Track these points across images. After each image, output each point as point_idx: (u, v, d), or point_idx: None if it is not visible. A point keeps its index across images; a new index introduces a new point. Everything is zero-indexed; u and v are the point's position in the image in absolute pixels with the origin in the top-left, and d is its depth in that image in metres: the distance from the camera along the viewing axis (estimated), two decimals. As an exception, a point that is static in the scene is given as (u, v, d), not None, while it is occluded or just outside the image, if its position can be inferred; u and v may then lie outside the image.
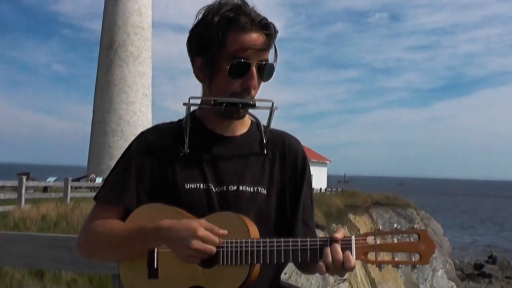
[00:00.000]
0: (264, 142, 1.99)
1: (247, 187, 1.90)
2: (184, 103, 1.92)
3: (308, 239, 1.74)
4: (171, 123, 2.03)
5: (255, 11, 1.87)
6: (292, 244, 1.73)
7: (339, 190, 45.34)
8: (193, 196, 1.87)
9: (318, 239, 1.74)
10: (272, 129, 2.01)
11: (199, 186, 1.88)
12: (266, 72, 1.90)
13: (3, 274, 9.00)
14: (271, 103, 1.91)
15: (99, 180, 28.44)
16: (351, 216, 32.75)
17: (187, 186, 1.88)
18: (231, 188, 1.89)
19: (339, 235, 1.72)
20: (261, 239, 1.74)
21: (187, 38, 1.96)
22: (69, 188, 18.99)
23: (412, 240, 1.71)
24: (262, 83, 1.93)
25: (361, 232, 1.85)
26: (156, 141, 1.96)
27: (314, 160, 54.51)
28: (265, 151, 1.98)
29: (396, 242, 1.71)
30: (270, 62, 1.91)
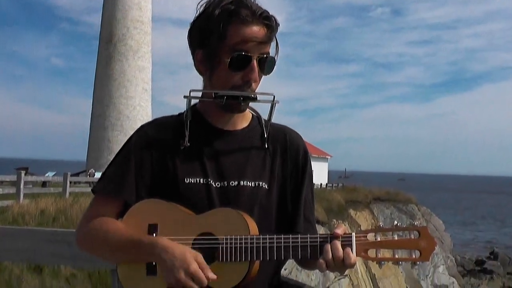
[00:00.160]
0: (265, 136, 1.97)
1: (248, 182, 1.89)
2: (185, 96, 1.91)
3: (308, 235, 1.73)
4: (171, 117, 2.01)
5: (256, 4, 1.85)
6: (292, 240, 1.72)
7: (340, 185, 45.32)
8: (192, 191, 1.86)
9: (319, 235, 1.74)
10: (273, 123, 1.99)
11: (199, 180, 1.87)
12: (267, 65, 1.88)
13: (2, 269, 9.02)
14: (273, 97, 1.90)
15: (98, 175, 28.30)
16: (351, 212, 32.70)
17: (187, 180, 1.86)
18: (232, 183, 1.88)
19: (340, 231, 1.71)
20: (260, 236, 1.74)
21: (188, 30, 1.95)
22: (68, 183, 18.99)
23: (413, 237, 1.70)
24: (264, 77, 1.92)
25: (361, 227, 1.83)
26: (156, 134, 1.95)
27: (315, 155, 54.50)
28: (266, 145, 1.97)
29: (396, 239, 1.71)
30: (271, 55, 1.89)
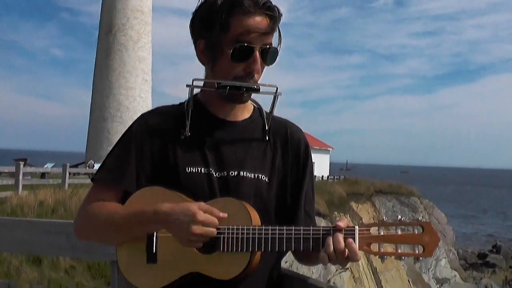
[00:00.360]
0: (267, 128, 1.97)
1: (248, 173, 1.88)
2: (187, 85, 1.89)
3: (311, 227, 1.72)
4: (172, 106, 2.01)
5: None
6: (295, 232, 1.71)
7: (341, 178, 45.37)
8: (193, 180, 1.84)
9: (321, 228, 1.72)
10: (274, 116, 1.99)
11: (200, 170, 1.86)
12: (269, 56, 1.87)
13: (1, 260, 9.04)
14: (275, 89, 1.89)
15: (97, 167, 28.16)
16: (353, 205, 32.75)
17: (188, 170, 1.85)
18: (232, 174, 1.87)
19: (342, 224, 1.70)
20: (263, 227, 1.73)
21: (190, 20, 1.94)
22: (67, 174, 19.11)
23: (416, 232, 1.69)
24: (266, 68, 1.91)
25: (363, 220, 1.81)
26: (156, 123, 1.94)
27: (317, 147, 54.70)
28: (267, 138, 1.96)
29: (399, 233, 1.70)
30: (274, 45, 1.88)
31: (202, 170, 1.86)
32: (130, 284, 1.81)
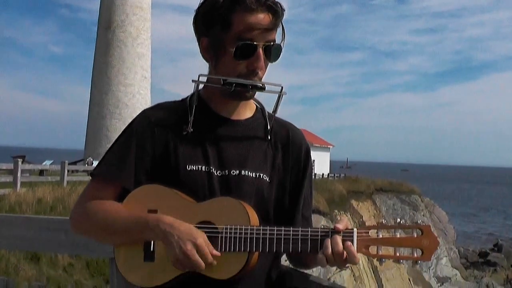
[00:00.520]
0: (269, 128, 1.96)
1: (249, 172, 1.87)
2: (193, 80, 1.89)
3: (309, 229, 1.72)
4: (175, 102, 1.99)
5: None
6: (293, 233, 1.71)
7: (342, 175, 45.41)
8: (194, 178, 1.83)
9: (320, 229, 1.72)
10: (277, 117, 1.99)
11: (201, 168, 1.84)
12: (273, 52, 1.85)
13: (-1, 257, 9.01)
14: (280, 88, 1.88)
15: (96, 164, 28.43)
16: (353, 203, 32.80)
17: (189, 167, 1.84)
18: (233, 173, 1.86)
19: (341, 226, 1.70)
20: (261, 227, 1.72)
21: (193, 17, 1.93)
22: (65, 172, 19.17)
23: (415, 235, 1.69)
24: (269, 64, 1.89)
25: (364, 218, 1.79)
26: (158, 118, 1.91)
27: (317, 145, 54.75)
28: (269, 137, 1.95)
29: (398, 236, 1.69)
30: (277, 42, 1.87)
31: (203, 168, 1.84)
32: (129, 282, 1.80)
